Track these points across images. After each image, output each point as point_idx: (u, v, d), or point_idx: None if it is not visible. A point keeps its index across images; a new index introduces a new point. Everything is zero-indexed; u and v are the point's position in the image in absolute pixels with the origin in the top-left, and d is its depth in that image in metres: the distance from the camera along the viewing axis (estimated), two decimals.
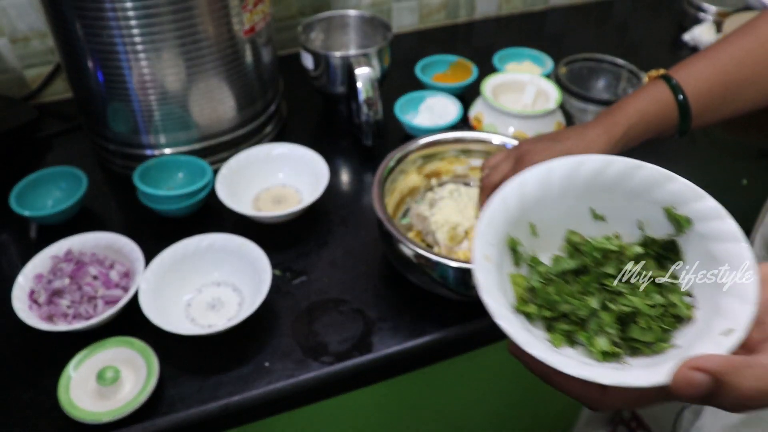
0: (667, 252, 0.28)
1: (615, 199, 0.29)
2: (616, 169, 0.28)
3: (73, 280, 0.53)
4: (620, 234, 0.29)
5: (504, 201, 0.27)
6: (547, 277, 0.28)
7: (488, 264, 0.26)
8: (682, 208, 0.27)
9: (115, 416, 0.45)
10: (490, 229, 0.27)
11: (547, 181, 0.28)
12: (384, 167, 0.56)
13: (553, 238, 0.29)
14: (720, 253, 0.25)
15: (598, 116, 0.52)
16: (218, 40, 0.62)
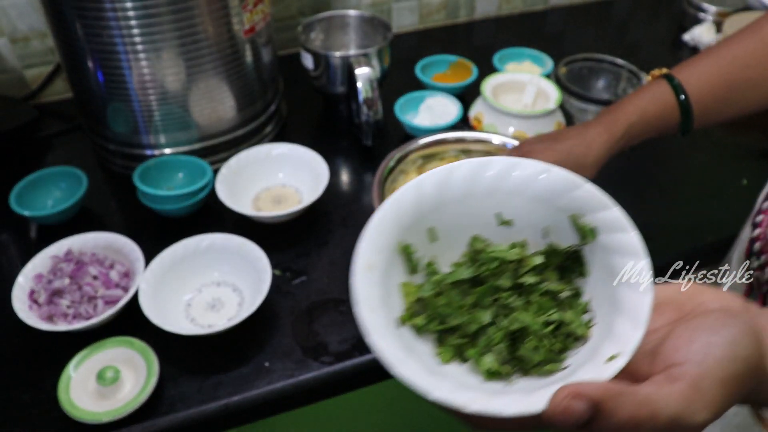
0: (571, 263, 0.26)
1: (522, 203, 0.27)
2: (521, 172, 0.26)
3: (73, 280, 0.53)
4: (528, 241, 0.27)
5: (397, 204, 0.25)
6: (440, 286, 0.26)
7: (371, 273, 0.24)
8: (588, 217, 0.25)
9: (115, 416, 0.45)
10: (377, 234, 0.24)
11: (446, 183, 0.26)
12: (384, 167, 0.56)
13: (457, 244, 0.27)
14: (620, 268, 0.24)
15: (598, 115, 0.52)
16: (218, 40, 0.62)
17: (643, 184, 0.70)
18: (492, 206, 0.27)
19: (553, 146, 0.49)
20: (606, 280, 0.24)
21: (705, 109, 0.48)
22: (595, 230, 0.25)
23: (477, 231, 0.27)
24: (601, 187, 0.76)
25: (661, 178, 0.71)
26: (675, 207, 0.67)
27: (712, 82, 0.48)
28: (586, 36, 1.01)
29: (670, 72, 0.49)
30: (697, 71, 0.48)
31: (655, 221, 0.65)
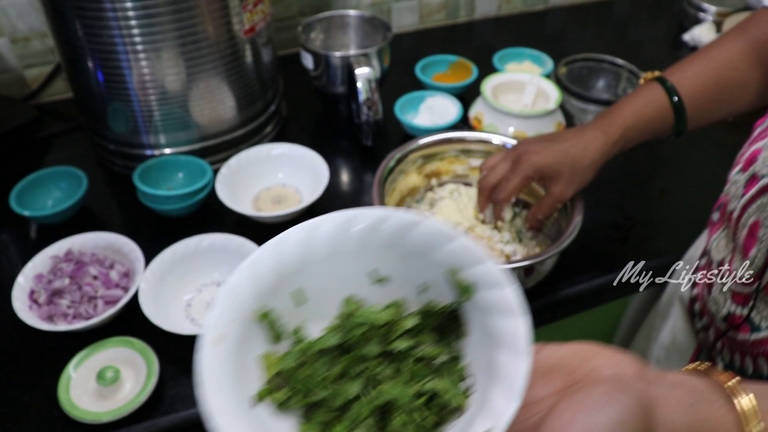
0: (449, 323, 0.24)
1: (397, 259, 0.24)
2: (392, 225, 0.24)
3: (73, 280, 0.53)
4: (406, 300, 0.25)
5: (254, 266, 0.23)
6: (304, 356, 0.23)
7: (220, 346, 0.21)
8: (464, 273, 0.23)
9: (115, 416, 0.45)
10: (230, 302, 0.22)
11: (310, 241, 0.24)
12: (384, 167, 0.56)
13: (330, 306, 0.25)
14: (498, 329, 0.21)
15: (595, 118, 0.52)
16: (218, 40, 0.62)
17: (643, 184, 0.70)
18: (365, 263, 0.25)
19: (550, 147, 0.49)
20: (485, 342, 0.22)
21: (698, 110, 0.49)
22: (472, 287, 0.23)
23: (352, 290, 0.25)
24: (602, 188, 0.76)
25: (662, 178, 0.71)
26: (675, 207, 0.67)
27: (704, 84, 0.48)
28: (586, 36, 1.01)
29: (662, 75, 0.50)
30: (689, 73, 0.49)
31: (655, 221, 0.65)
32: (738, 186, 0.41)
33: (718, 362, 0.44)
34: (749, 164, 0.40)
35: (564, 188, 0.49)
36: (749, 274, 0.38)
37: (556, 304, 0.57)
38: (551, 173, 0.49)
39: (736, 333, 0.40)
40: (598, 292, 0.59)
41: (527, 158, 0.49)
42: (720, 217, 0.46)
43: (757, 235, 0.37)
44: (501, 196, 0.51)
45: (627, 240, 0.63)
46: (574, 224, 0.51)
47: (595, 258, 0.60)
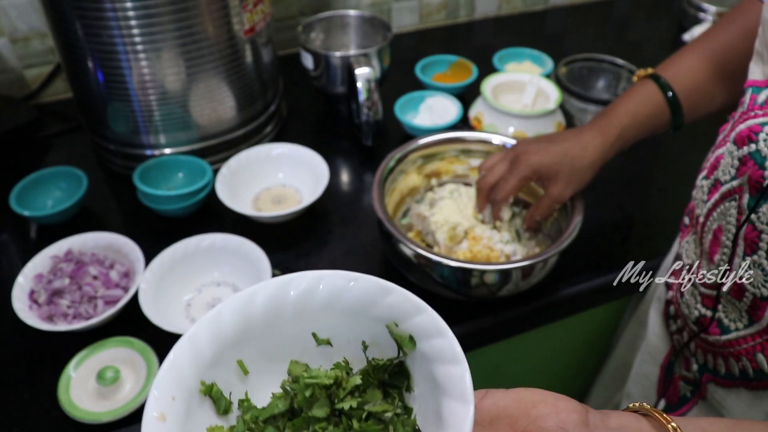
0: (396, 378, 0.24)
1: (336, 319, 0.25)
2: (327, 286, 0.24)
3: (73, 280, 0.53)
4: (349, 359, 0.25)
5: (192, 342, 0.23)
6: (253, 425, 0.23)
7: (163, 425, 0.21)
8: (404, 324, 0.23)
9: (114, 416, 0.45)
10: (170, 379, 0.22)
11: (247, 310, 0.24)
12: (384, 167, 0.56)
13: (276, 372, 0.25)
14: (441, 377, 0.21)
15: (592, 119, 0.52)
16: (218, 40, 0.62)
17: (643, 184, 0.70)
18: (306, 326, 0.25)
19: (548, 147, 0.49)
20: (431, 392, 0.22)
21: (693, 104, 0.49)
22: (413, 338, 0.23)
23: (295, 355, 0.25)
24: (602, 187, 0.76)
25: (663, 177, 0.71)
26: (676, 207, 0.67)
27: (697, 77, 0.48)
28: (586, 36, 1.01)
29: (655, 71, 0.50)
30: (683, 67, 0.49)
31: (656, 221, 0.65)
32: (703, 191, 0.41)
33: (692, 363, 0.45)
34: (713, 170, 0.40)
35: (562, 189, 0.49)
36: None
37: (556, 304, 0.57)
38: (549, 174, 0.49)
39: (708, 334, 0.41)
40: (598, 292, 0.59)
41: (525, 158, 0.49)
42: (689, 222, 0.47)
43: (720, 240, 0.38)
44: (499, 196, 0.51)
45: (627, 240, 0.63)
46: (574, 224, 0.51)
47: (595, 258, 0.60)
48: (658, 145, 0.76)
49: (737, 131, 0.37)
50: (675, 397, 0.48)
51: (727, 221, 0.37)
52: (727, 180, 0.38)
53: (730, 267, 0.38)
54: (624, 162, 0.73)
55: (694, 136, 0.77)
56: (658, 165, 0.73)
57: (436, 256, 0.48)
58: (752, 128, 0.35)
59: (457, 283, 0.50)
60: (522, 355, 0.67)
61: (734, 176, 0.37)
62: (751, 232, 0.35)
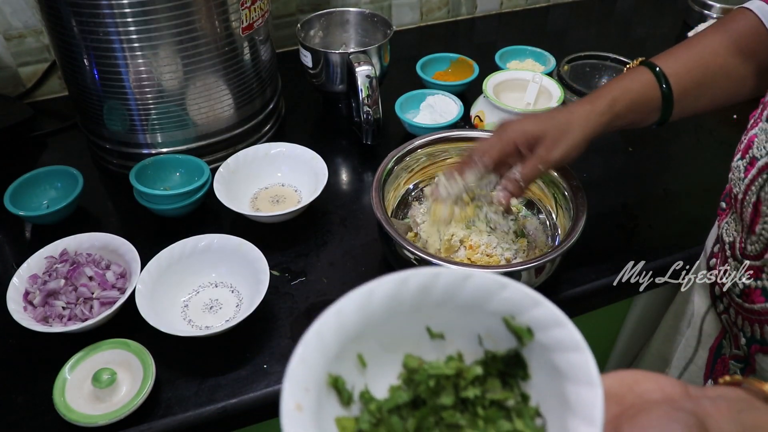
0: (512, 368, 0.25)
1: (450, 313, 0.25)
2: (444, 282, 0.25)
3: (69, 281, 0.52)
4: (463, 352, 0.26)
5: (319, 336, 0.24)
6: (377, 415, 0.24)
7: (300, 415, 0.22)
8: (521, 317, 0.24)
9: (111, 419, 0.45)
10: (302, 371, 0.23)
11: (367, 306, 0.25)
12: (383, 169, 0.56)
13: (391, 365, 0.26)
14: (563, 365, 0.22)
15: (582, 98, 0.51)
16: (216, 37, 0.61)
17: (646, 185, 0.70)
18: (420, 321, 0.26)
19: (537, 116, 0.49)
20: (551, 380, 0.23)
21: (683, 96, 0.49)
22: (531, 330, 0.24)
23: (409, 348, 0.26)
24: (606, 187, 0.75)
25: (665, 177, 0.71)
26: (677, 207, 0.67)
27: (690, 69, 0.49)
28: (589, 33, 1.00)
29: (649, 59, 0.50)
30: (676, 60, 0.50)
31: (657, 221, 0.65)
32: (740, 171, 0.43)
33: (740, 338, 0.46)
34: (747, 150, 0.42)
35: (548, 148, 0.47)
36: (758, 247, 0.41)
37: (559, 306, 0.57)
38: (536, 136, 0.47)
39: (753, 304, 0.42)
40: (602, 293, 0.58)
41: (512, 125, 0.48)
42: (727, 205, 0.47)
43: (760, 210, 0.40)
44: (477, 150, 0.49)
45: (631, 240, 0.62)
46: (577, 225, 0.50)
47: (598, 258, 0.60)
48: (663, 145, 0.75)
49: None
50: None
51: (766, 192, 0.39)
52: (762, 155, 0.40)
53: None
54: (628, 162, 0.72)
55: (699, 136, 0.77)
56: (663, 165, 0.73)
57: (436, 258, 0.48)
58: None
59: None
60: None
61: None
62: None
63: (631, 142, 0.75)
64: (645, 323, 0.71)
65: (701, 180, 0.70)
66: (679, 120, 0.51)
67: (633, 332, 0.72)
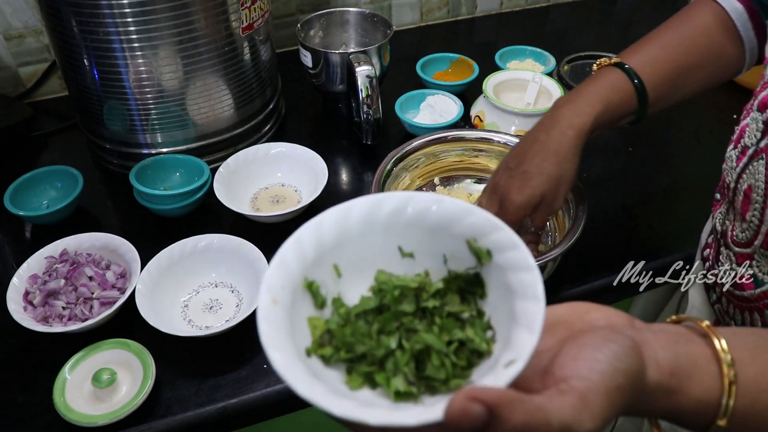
0: (472, 286, 0.27)
1: (420, 235, 0.28)
2: (415, 206, 0.28)
3: (69, 281, 0.52)
4: (430, 270, 0.29)
5: (298, 242, 0.26)
6: (346, 318, 0.27)
7: (275, 308, 0.24)
8: (482, 240, 0.27)
9: (111, 419, 0.45)
10: (280, 271, 0.25)
11: (345, 221, 0.28)
12: (383, 169, 0.56)
13: (364, 279, 0.29)
14: (515, 283, 0.25)
15: (556, 107, 0.50)
16: (216, 37, 0.61)
17: (646, 185, 0.70)
18: (392, 240, 0.28)
19: (525, 180, 0.47)
20: (504, 297, 0.26)
21: (657, 94, 0.49)
22: (490, 251, 0.26)
23: (381, 265, 0.29)
24: (605, 187, 0.75)
25: (665, 177, 0.71)
26: (677, 207, 0.67)
27: (660, 67, 0.49)
28: (589, 33, 1.00)
29: (620, 59, 0.49)
30: (647, 57, 0.49)
31: (657, 221, 0.65)
32: (732, 160, 0.43)
33: (732, 325, 0.46)
34: (739, 139, 0.43)
35: (550, 204, 0.48)
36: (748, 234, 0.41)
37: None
38: (536, 204, 0.48)
39: (743, 291, 0.43)
40: (602, 293, 0.58)
41: (510, 203, 0.48)
42: (721, 195, 0.48)
43: (751, 197, 0.40)
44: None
45: (630, 240, 0.62)
46: (578, 226, 0.50)
47: (598, 258, 0.60)
48: (662, 145, 0.75)
49: (760, 99, 0.40)
50: None
51: (756, 179, 0.40)
52: (753, 143, 0.40)
53: (761, 220, 0.40)
54: (628, 162, 0.72)
55: (698, 135, 0.77)
56: (662, 165, 0.73)
57: None
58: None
59: None
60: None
61: (760, 138, 0.39)
62: None
63: (631, 142, 0.75)
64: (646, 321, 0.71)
65: (701, 180, 0.70)
66: (679, 120, 0.51)
67: None
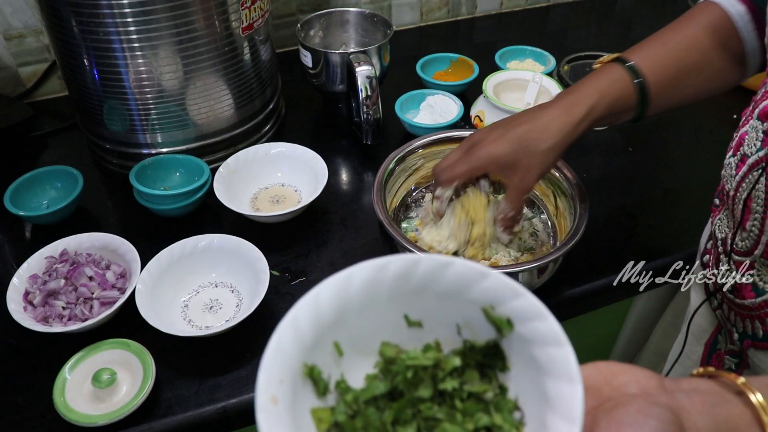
0: (491, 359, 0.24)
1: (429, 301, 0.25)
2: (423, 269, 0.24)
3: (69, 281, 0.52)
4: (441, 340, 0.25)
5: (294, 323, 0.23)
6: (354, 406, 0.24)
7: (276, 407, 0.21)
8: (501, 308, 0.23)
9: (111, 419, 0.45)
10: (277, 362, 0.22)
11: (345, 292, 0.24)
12: (384, 169, 0.56)
13: (368, 354, 0.25)
14: (543, 359, 0.22)
15: (555, 97, 0.49)
16: (216, 37, 0.61)
17: (646, 185, 0.70)
18: (398, 308, 0.25)
19: (504, 134, 0.46)
20: (530, 373, 0.23)
21: (659, 92, 0.48)
22: (511, 321, 0.23)
23: (386, 336, 0.25)
24: (606, 188, 0.75)
25: (665, 177, 0.71)
26: (677, 207, 0.67)
27: (664, 65, 0.48)
28: (589, 33, 1.00)
29: (622, 56, 0.49)
30: (649, 54, 0.48)
31: (657, 221, 0.64)
32: (731, 168, 0.43)
33: (734, 333, 0.46)
34: (738, 147, 0.42)
35: (522, 177, 0.46)
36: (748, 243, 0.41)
37: (559, 306, 0.57)
38: (506, 164, 0.46)
39: (744, 300, 0.43)
40: (602, 293, 0.58)
41: (480, 148, 0.47)
42: (720, 201, 0.48)
43: (751, 207, 0.40)
44: (443, 177, 0.48)
45: (631, 240, 0.62)
46: (579, 227, 0.50)
47: (598, 259, 0.60)
48: (662, 145, 0.75)
49: (761, 108, 0.39)
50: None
51: (756, 189, 0.39)
52: (753, 152, 0.40)
53: (761, 230, 0.40)
54: (628, 162, 0.72)
55: (698, 135, 0.77)
56: (662, 165, 0.73)
57: None
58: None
59: None
60: None
61: (760, 148, 0.39)
62: None
63: (631, 142, 0.75)
64: (645, 323, 0.71)
65: (701, 180, 0.70)
66: (679, 120, 0.51)
67: (633, 332, 0.72)
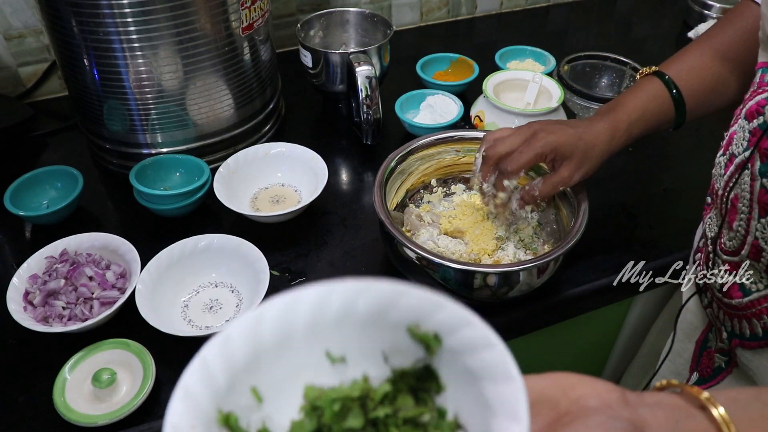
0: (423, 381, 0.23)
1: (350, 332, 0.23)
2: (337, 300, 0.22)
3: (69, 281, 0.52)
4: (368, 374, 0.23)
5: (204, 366, 0.21)
6: None
7: None
8: (426, 324, 0.22)
9: (110, 419, 0.45)
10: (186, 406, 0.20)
11: (257, 331, 0.22)
12: (385, 168, 0.56)
13: (291, 397, 0.23)
14: (477, 365, 0.20)
15: (600, 111, 0.52)
16: (216, 37, 0.61)
17: (646, 185, 0.70)
18: (318, 345, 0.23)
19: (565, 129, 0.48)
20: (467, 386, 0.21)
21: (696, 101, 0.50)
22: (438, 335, 0.22)
23: (309, 377, 0.23)
24: (607, 187, 0.75)
25: (665, 177, 0.71)
26: (677, 207, 0.67)
27: (700, 75, 0.49)
28: (589, 33, 1.00)
29: (660, 69, 0.51)
30: (686, 65, 0.50)
31: (657, 221, 0.64)
32: (721, 167, 0.44)
33: (723, 331, 0.47)
34: (728, 146, 0.43)
35: (573, 171, 0.49)
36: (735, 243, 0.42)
37: (560, 305, 0.57)
38: (564, 154, 0.48)
39: (731, 299, 0.43)
40: (602, 293, 0.58)
41: (543, 136, 0.48)
42: (711, 200, 0.48)
43: (737, 207, 0.41)
44: (511, 167, 0.49)
45: (631, 240, 0.62)
46: (579, 227, 0.50)
47: (599, 259, 0.60)
48: (663, 145, 0.75)
49: (747, 107, 0.40)
50: (709, 369, 0.49)
51: (742, 189, 0.40)
52: (740, 152, 0.40)
53: (747, 231, 0.40)
54: (629, 161, 0.72)
55: (699, 135, 0.77)
56: (663, 165, 0.73)
57: (439, 258, 0.48)
58: (760, 103, 0.39)
59: (458, 285, 0.49)
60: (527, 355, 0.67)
61: (746, 147, 0.40)
62: (764, 196, 0.38)
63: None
64: (645, 322, 0.71)
65: (701, 180, 0.70)
66: None
67: (633, 331, 0.72)
